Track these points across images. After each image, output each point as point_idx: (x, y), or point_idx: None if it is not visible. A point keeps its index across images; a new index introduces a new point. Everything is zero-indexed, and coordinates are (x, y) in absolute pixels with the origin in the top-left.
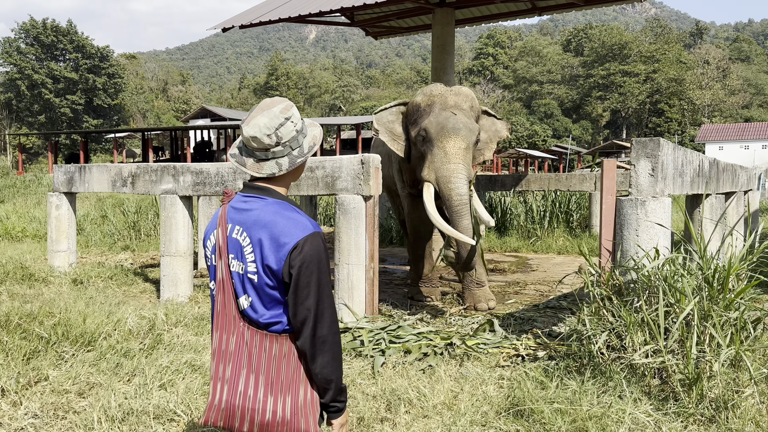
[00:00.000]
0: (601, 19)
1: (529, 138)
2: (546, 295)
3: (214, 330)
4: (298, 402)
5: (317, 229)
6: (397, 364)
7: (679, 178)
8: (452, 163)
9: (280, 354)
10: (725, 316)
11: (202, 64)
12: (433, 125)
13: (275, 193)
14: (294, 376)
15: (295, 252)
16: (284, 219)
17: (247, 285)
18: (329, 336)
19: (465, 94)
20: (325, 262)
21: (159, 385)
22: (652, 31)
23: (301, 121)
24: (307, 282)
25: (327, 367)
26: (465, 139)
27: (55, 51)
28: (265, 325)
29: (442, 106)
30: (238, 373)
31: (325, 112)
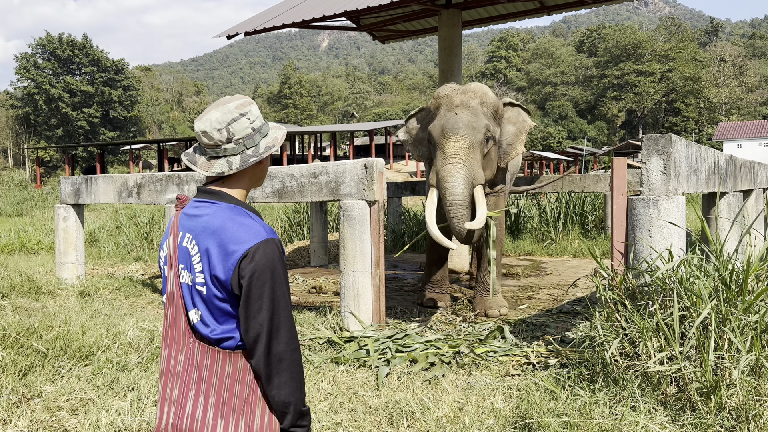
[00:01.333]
0: (614, 19)
1: (544, 140)
2: (560, 300)
3: (163, 347)
4: (253, 426)
5: (272, 236)
6: (402, 374)
7: (694, 176)
8: (449, 163)
9: (233, 373)
10: (744, 320)
11: (217, 75)
12: (436, 128)
13: (229, 197)
14: (249, 398)
15: (245, 261)
16: (235, 225)
17: (196, 298)
18: (286, 354)
19: (473, 91)
20: (280, 272)
21: (154, 400)
22: (666, 30)
23: (261, 120)
24: (259, 294)
25: (284, 389)
26: (466, 138)
27: (72, 65)
28: (217, 341)
29: (448, 107)
30: (186, 394)
31: (338, 119)
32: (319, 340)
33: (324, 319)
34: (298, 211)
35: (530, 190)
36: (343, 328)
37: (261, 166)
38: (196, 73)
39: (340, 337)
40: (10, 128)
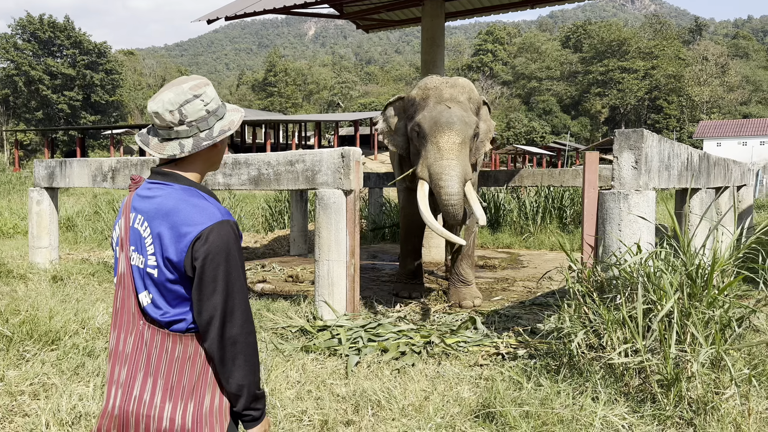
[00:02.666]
0: (601, 15)
1: (528, 134)
2: (533, 292)
3: (112, 329)
4: (202, 409)
5: (227, 218)
6: (372, 363)
7: (666, 172)
8: (444, 159)
9: (183, 356)
10: (708, 314)
11: (201, 61)
12: (427, 120)
13: (183, 179)
14: (199, 381)
15: (198, 242)
16: (188, 206)
17: (147, 281)
18: (240, 337)
19: (462, 86)
20: (235, 254)
21: None
22: (651, 28)
23: (217, 102)
24: (213, 276)
25: (238, 372)
26: (460, 133)
27: (53, 47)
28: (167, 323)
29: (437, 100)
30: (134, 377)
31: (323, 109)
32: (291, 329)
33: (298, 308)
34: (279, 199)
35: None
36: (317, 317)
37: (216, 149)
38: (180, 58)
39: (312, 325)
40: None
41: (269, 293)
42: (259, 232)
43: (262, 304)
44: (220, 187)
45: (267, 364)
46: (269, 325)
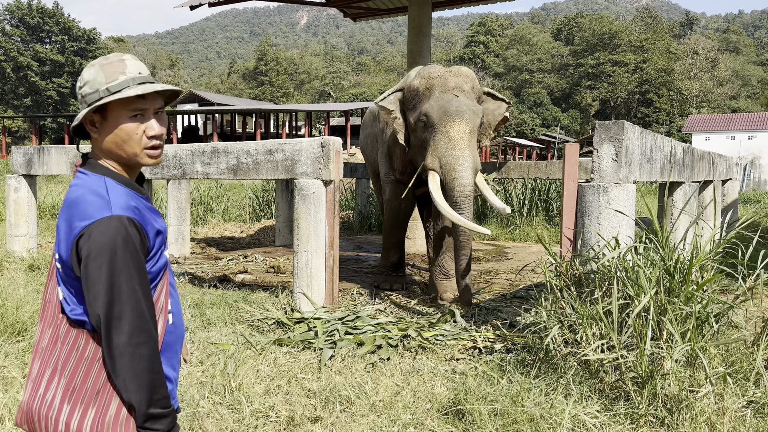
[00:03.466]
0: (593, 8)
1: (518, 127)
2: (516, 285)
3: (39, 321)
4: (105, 417)
5: (120, 213)
6: (346, 357)
7: (647, 165)
8: (457, 150)
9: (93, 356)
10: (685, 310)
11: (192, 49)
12: (435, 109)
13: (99, 167)
14: (106, 386)
15: (82, 239)
16: (86, 198)
17: (57, 274)
18: (128, 349)
19: (465, 75)
20: (122, 254)
21: None
22: (642, 21)
23: (93, 86)
24: (95, 278)
25: (128, 386)
26: (469, 122)
27: (41, 33)
28: (76, 321)
29: (443, 89)
30: (42, 373)
31: (314, 99)
32: (268, 321)
33: (276, 300)
34: (266, 189)
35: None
36: (295, 309)
37: (114, 130)
38: (171, 46)
39: (290, 318)
40: None
41: (250, 284)
42: (245, 222)
43: (240, 295)
44: (199, 176)
45: (236, 357)
46: (245, 317)
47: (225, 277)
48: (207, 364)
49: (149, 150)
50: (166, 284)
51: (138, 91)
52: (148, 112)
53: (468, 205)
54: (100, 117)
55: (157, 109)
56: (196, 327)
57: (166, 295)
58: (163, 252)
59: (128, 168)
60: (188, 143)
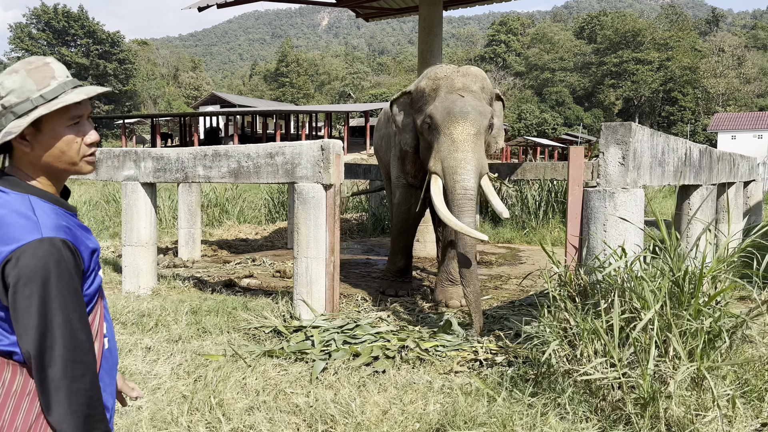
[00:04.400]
0: (616, 6)
1: (539, 126)
2: (527, 291)
3: None
4: None
5: (52, 234)
6: (339, 369)
7: (659, 168)
8: (459, 152)
9: (22, 390)
10: (693, 326)
11: (215, 51)
12: (439, 110)
13: (18, 183)
14: (37, 423)
15: (9, 265)
16: (9, 220)
17: None
18: (63, 382)
19: (474, 74)
20: (55, 280)
21: None
22: (666, 18)
23: (20, 95)
24: (25, 308)
25: (64, 423)
26: (474, 123)
27: (67, 36)
28: (6, 352)
29: (449, 89)
30: None
31: (334, 99)
32: (265, 329)
33: (276, 307)
34: (282, 191)
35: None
36: (295, 316)
37: (52, 141)
38: (194, 48)
39: (287, 326)
40: None
41: (255, 288)
42: (260, 223)
43: (241, 301)
44: (201, 179)
45: (224, 370)
46: (242, 325)
47: (230, 282)
48: (193, 377)
49: (88, 157)
50: (100, 307)
51: (80, 95)
52: (83, 118)
53: (469, 208)
54: (33, 128)
55: (88, 114)
56: (190, 336)
57: (101, 318)
58: (98, 272)
59: (57, 182)
60: (210, 144)
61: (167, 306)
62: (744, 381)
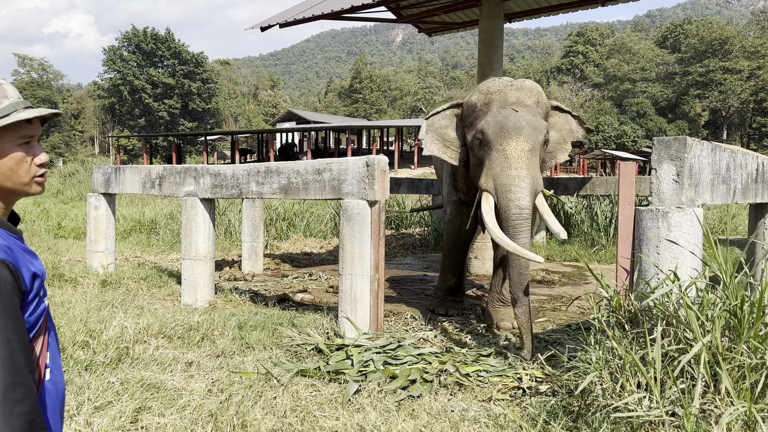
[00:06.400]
0: (702, 13)
1: (618, 138)
2: (587, 314)
3: None
4: None
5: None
6: (373, 392)
7: (722, 185)
8: (513, 169)
9: None
10: (749, 361)
11: (293, 69)
12: (491, 126)
13: None
14: None
15: None
16: None
17: None
18: (3, 406)
19: (529, 88)
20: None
21: (95, 407)
22: (758, 25)
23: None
24: None
25: None
26: (529, 139)
27: (155, 58)
28: None
29: (502, 104)
30: None
31: (406, 114)
32: (307, 347)
33: (322, 323)
34: None
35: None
36: (339, 334)
37: (2, 160)
38: (274, 67)
39: (329, 345)
40: (97, 117)
41: (308, 303)
42: (325, 237)
43: (288, 316)
44: (253, 195)
45: (255, 389)
46: (285, 342)
47: (284, 296)
48: (226, 395)
49: (38, 178)
50: (45, 335)
51: (31, 114)
52: (34, 139)
53: (525, 229)
54: None
55: (39, 137)
56: (233, 351)
57: (44, 347)
58: (43, 300)
59: (5, 203)
60: (284, 158)
61: (216, 320)
62: None
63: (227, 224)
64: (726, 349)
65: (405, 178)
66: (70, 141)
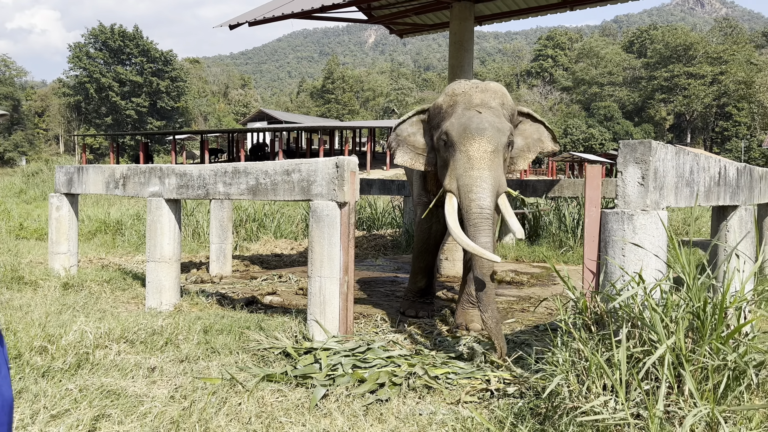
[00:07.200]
0: (667, 20)
1: (586, 141)
2: (554, 315)
3: None
4: None
5: None
6: (341, 396)
7: (686, 188)
8: (475, 170)
9: None
10: (711, 363)
11: (264, 69)
12: (455, 127)
13: None
14: None
15: None
16: None
17: None
18: None
19: (493, 90)
20: None
21: (51, 415)
22: (720, 32)
23: None
24: None
25: None
26: (492, 140)
27: (122, 55)
28: None
29: (466, 106)
30: None
31: (379, 115)
32: (275, 350)
33: (290, 327)
34: None
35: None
36: (307, 337)
37: None
38: (245, 66)
39: (297, 348)
40: (62, 115)
41: (277, 306)
42: (297, 238)
43: (256, 320)
44: (221, 196)
45: (220, 395)
46: (252, 346)
47: (253, 299)
48: (189, 401)
49: None
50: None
51: None
52: None
53: (486, 228)
54: None
55: None
56: (198, 356)
57: None
58: None
59: None
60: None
61: (181, 324)
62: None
63: (195, 225)
64: (689, 350)
65: (377, 179)
66: (34, 139)
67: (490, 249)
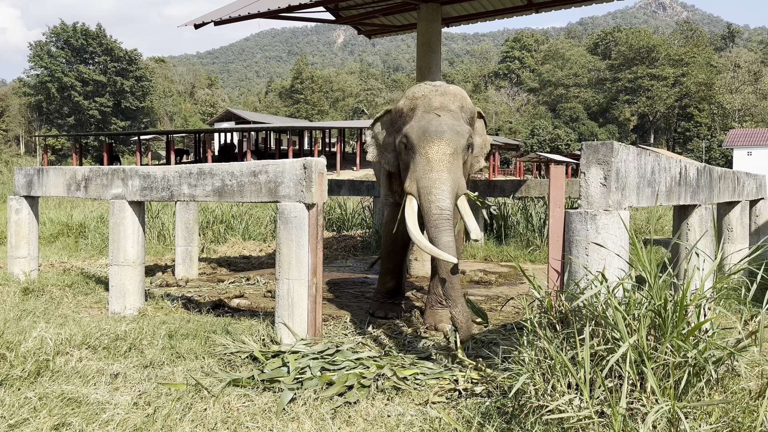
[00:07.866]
0: (631, 22)
1: (552, 142)
2: (522, 314)
3: None
4: None
5: None
6: (309, 400)
7: (648, 188)
8: (435, 172)
9: None
10: (671, 359)
11: (232, 68)
12: (415, 130)
13: None
14: None
15: None
16: None
17: None
18: None
19: (453, 93)
20: None
21: (9, 425)
22: (682, 35)
23: None
24: None
25: None
26: (450, 143)
27: (85, 54)
28: None
29: (426, 108)
30: None
31: (348, 116)
32: (242, 355)
33: (257, 330)
34: None
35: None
36: (275, 340)
37: None
38: (211, 65)
39: (264, 352)
40: (23, 116)
41: (245, 309)
42: (265, 240)
43: (222, 323)
44: (186, 198)
45: (185, 401)
46: (219, 351)
47: (220, 302)
48: (153, 408)
49: None
50: None
51: None
52: None
53: (445, 229)
54: None
55: None
56: (162, 361)
57: None
58: None
59: None
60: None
61: (145, 328)
62: (731, 418)
63: (160, 227)
64: (651, 348)
65: (346, 180)
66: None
67: (452, 248)
